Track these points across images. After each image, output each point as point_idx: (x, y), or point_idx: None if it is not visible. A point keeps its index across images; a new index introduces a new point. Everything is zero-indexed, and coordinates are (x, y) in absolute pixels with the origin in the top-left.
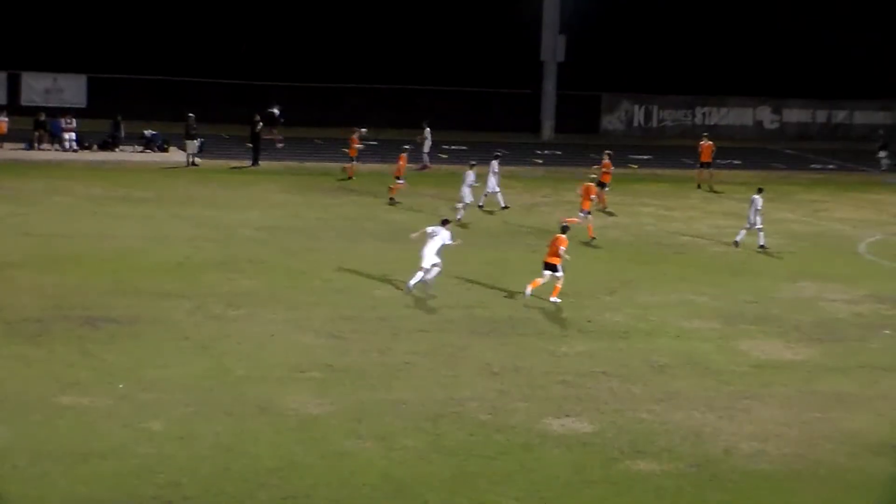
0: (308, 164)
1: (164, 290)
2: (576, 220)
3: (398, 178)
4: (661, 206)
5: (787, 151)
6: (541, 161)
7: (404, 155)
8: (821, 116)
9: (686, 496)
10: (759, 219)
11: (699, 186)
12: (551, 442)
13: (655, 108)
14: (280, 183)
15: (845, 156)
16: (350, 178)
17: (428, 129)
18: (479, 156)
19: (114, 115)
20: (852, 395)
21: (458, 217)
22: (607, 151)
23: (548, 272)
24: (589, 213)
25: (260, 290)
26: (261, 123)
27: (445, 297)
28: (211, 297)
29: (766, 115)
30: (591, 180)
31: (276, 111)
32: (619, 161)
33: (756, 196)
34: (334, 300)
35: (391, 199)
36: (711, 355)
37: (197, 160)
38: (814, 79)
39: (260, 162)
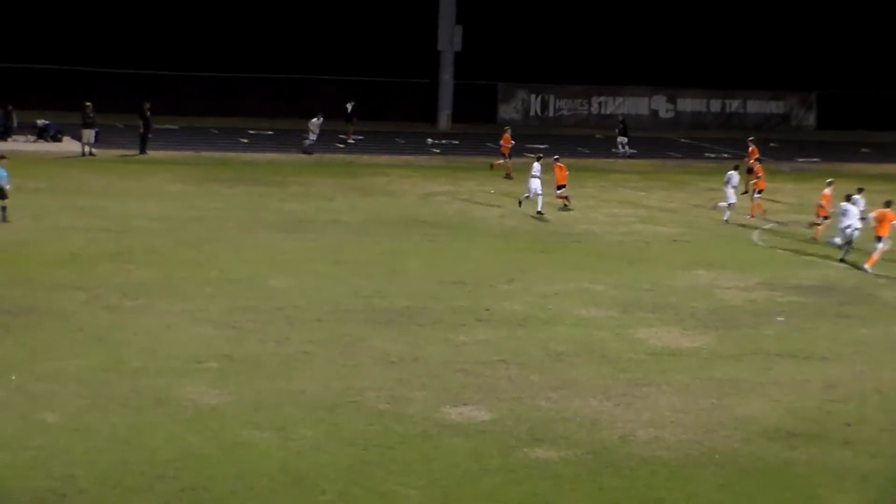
0: (204, 154)
1: (59, 282)
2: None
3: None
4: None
5: (683, 140)
6: (438, 151)
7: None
8: (715, 106)
9: (583, 483)
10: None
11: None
12: (449, 431)
13: (552, 98)
14: (177, 173)
15: (739, 145)
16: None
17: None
18: (377, 145)
19: (4, 105)
20: (747, 382)
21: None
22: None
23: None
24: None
25: (156, 281)
26: (150, 112)
27: (343, 287)
28: (106, 289)
29: (661, 105)
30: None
31: (349, 107)
32: (515, 151)
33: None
34: (231, 291)
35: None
36: (609, 343)
37: (93, 150)
38: (708, 68)
39: (148, 151)
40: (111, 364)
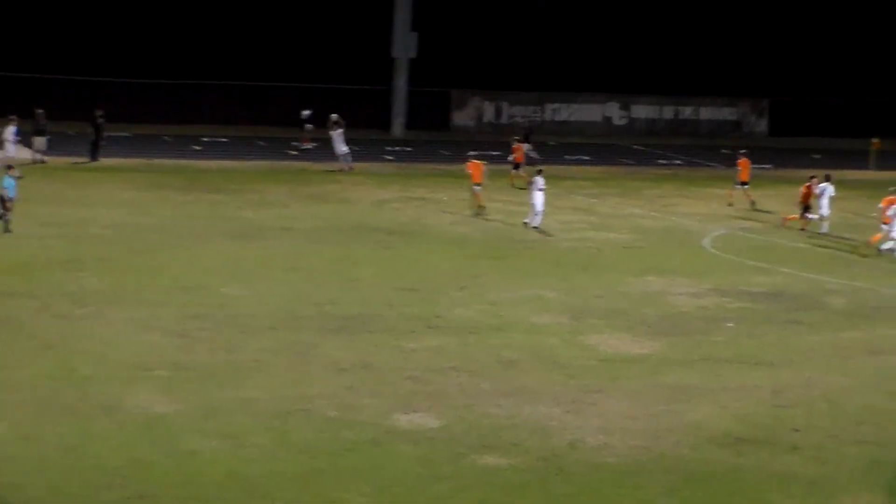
0: (157, 162)
1: (10, 290)
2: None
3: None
4: (511, 201)
5: (636, 147)
6: (391, 158)
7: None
8: (668, 113)
9: (532, 490)
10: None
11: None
12: (399, 438)
13: (505, 105)
14: (129, 180)
15: (692, 151)
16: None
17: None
18: (332, 152)
19: None
20: (696, 388)
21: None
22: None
23: None
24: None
25: (107, 289)
26: (102, 119)
27: (296, 294)
28: (57, 296)
29: (614, 112)
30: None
31: (305, 114)
32: (469, 158)
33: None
34: (183, 298)
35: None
36: (559, 349)
37: (44, 158)
38: (661, 75)
39: (100, 158)
40: (61, 372)
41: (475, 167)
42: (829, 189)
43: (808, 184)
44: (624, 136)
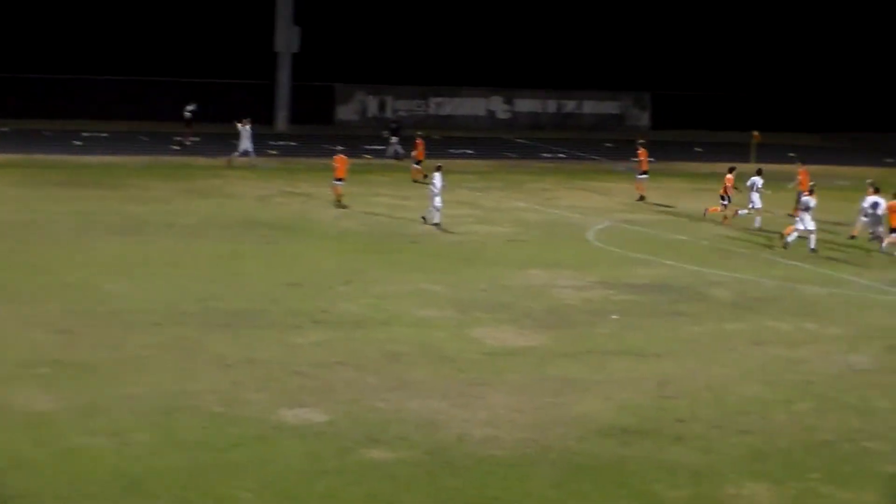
0: (37, 157)
1: None
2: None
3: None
4: (396, 195)
5: (519, 141)
6: (275, 152)
7: None
8: (551, 106)
9: (420, 483)
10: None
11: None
12: (286, 433)
13: (389, 99)
14: (8, 176)
15: (575, 145)
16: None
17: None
18: (214, 147)
19: None
20: (582, 380)
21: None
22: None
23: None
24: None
25: None
26: None
27: (179, 290)
28: None
29: (498, 106)
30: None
31: (188, 109)
32: (353, 152)
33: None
34: (64, 295)
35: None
36: (446, 343)
37: None
38: (544, 70)
39: None
40: None
41: (340, 161)
42: (759, 182)
43: (728, 175)
44: (508, 130)
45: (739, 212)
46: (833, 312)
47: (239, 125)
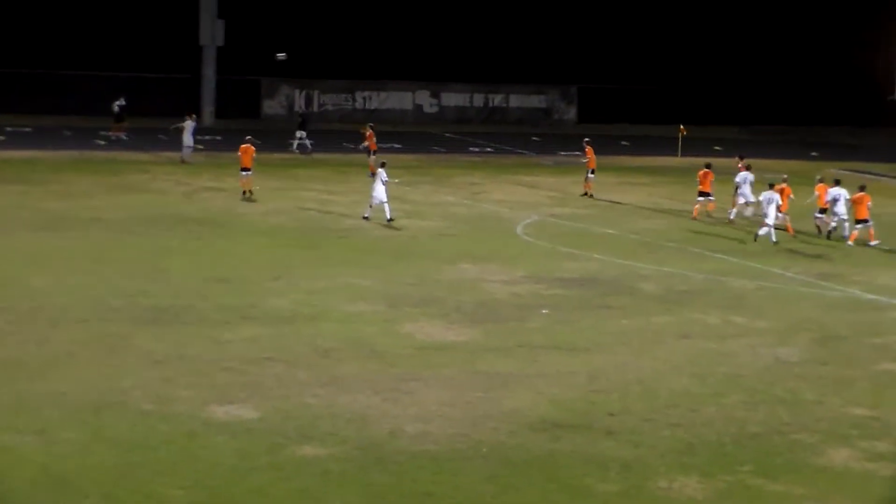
0: None
1: None
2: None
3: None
4: (324, 190)
5: (447, 135)
6: (201, 147)
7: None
8: (478, 100)
9: (351, 479)
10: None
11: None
12: (216, 429)
13: (316, 93)
14: None
15: (502, 139)
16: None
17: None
18: (140, 142)
19: None
20: (512, 374)
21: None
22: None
23: (859, 225)
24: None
25: None
26: None
27: (106, 286)
28: None
29: (425, 100)
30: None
31: (117, 104)
32: (281, 147)
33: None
34: None
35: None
36: (376, 338)
37: None
38: (472, 64)
39: None
40: None
41: (245, 151)
42: (749, 177)
43: (704, 171)
44: (435, 124)
45: (734, 212)
46: (761, 306)
47: (188, 120)
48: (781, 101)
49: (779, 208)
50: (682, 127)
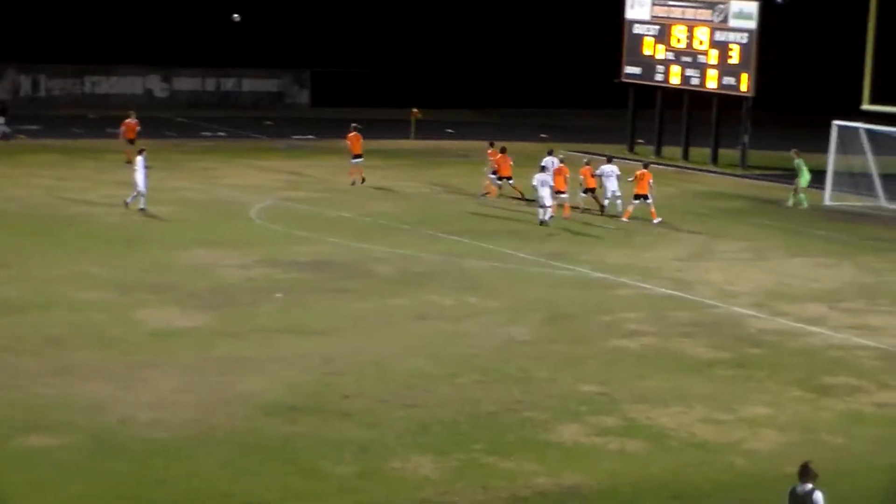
0: None
1: None
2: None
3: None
4: (53, 176)
5: (179, 119)
6: None
7: None
8: (210, 85)
9: (83, 468)
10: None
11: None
12: None
13: (43, 78)
14: None
15: (235, 123)
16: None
17: None
18: None
19: None
20: (247, 359)
21: None
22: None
23: (636, 201)
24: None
25: None
26: None
27: None
28: None
29: (156, 84)
30: None
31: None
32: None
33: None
34: None
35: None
36: (108, 325)
37: None
38: (203, 47)
39: None
40: None
41: None
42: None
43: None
44: (166, 109)
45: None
46: (494, 286)
47: None
48: (513, 84)
49: (552, 189)
50: (415, 110)
